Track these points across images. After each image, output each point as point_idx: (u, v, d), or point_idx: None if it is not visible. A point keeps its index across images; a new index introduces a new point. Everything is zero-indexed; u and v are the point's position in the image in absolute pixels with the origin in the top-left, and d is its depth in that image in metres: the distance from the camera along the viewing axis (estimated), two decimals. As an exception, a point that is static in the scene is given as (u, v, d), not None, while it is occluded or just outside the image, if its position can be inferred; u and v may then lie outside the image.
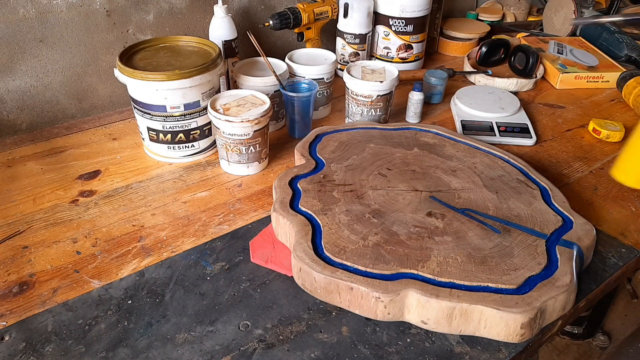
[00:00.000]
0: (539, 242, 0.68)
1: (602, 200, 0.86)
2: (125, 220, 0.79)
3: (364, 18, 1.20)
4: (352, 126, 0.93)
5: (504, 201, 0.75)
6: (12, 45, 0.95)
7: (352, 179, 0.78)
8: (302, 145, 0.86)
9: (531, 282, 0.62)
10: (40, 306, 0.64)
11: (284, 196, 0.73)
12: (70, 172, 0.90)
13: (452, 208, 0.73)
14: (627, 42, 1.31)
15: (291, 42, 1.30)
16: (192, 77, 0.85)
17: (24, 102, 1.00)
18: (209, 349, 0.59)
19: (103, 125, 1.05)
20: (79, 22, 0.99)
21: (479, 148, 0.88)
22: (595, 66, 1.27)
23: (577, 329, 1.53)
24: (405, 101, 1.09)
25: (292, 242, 0.68)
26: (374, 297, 0.60)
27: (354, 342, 0.60)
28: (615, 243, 0.76)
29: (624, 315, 1.62)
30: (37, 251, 0.73)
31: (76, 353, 0.59)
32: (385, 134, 0.91)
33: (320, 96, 1.07)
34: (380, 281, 0.60)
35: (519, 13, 1.63)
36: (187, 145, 0.92)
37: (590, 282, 0.69)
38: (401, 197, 0.75)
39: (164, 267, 0.70)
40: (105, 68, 1.06)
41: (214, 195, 0.85)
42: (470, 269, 0.63)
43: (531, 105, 1.18)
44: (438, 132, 0.92)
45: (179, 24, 1.11)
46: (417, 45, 1.29)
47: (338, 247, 0.65)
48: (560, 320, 0.63)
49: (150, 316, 0.63)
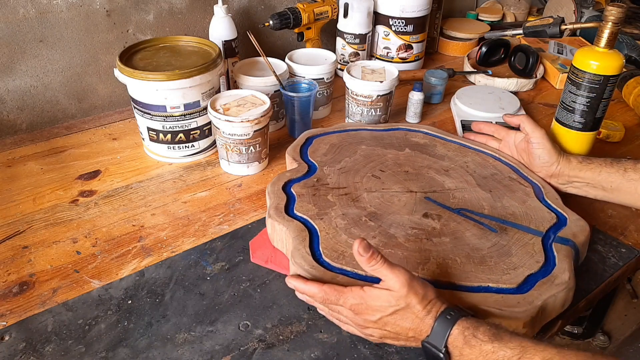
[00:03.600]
0: (536, 239, 0.68)
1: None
2: (125, 220, 0.79)
3: (364, 18, 1.20)
4: (342, 128, 0.93)
5: (498, 200, 0.75)
6: (12, 45, 0.95)
7: (346, 181, 0.78)
8: (293, 149, 0.85)
9: (531, 280, 0.62)
10: (40, 306, 0.64)
11: (279, 202, 0.72)
12: (70, 172, 0.90)
13: (448, 208, 0.73)
14: (627, 42, 1.31)
15: (291, 42, 1.30)
16: (192, 77, 0.85)
17: (24, 102, 1.00)
18: (209, 349, 0.59)
19: (103, 125, 1.05)
20: (79, 22, 0.99)
21: (470, 147, 0.88)
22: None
23: (577, 329, 1.53)
24: (405, 101, 1.09)
25: (289, 249, 0.68)
26: None
27: (354, 342, 0.60)
28: (615, 243, 0.76)
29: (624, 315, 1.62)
30: (37, 251, 0.73)
31: (76, 353, 0.59)
32: (376, 135, 0.91)
33: (320, 96, 1.07)
34: None
35: (519, 13, 1.63)
36: (187, 145, 0.92)
37: (590, 282, 0.69)
38: (396, 198, 0.75)
39: (164, 267, 0.70)
40: (105, 68, 1.06)
41: (214, 195, 0.85)
42: (470, 269, 0.63)
43: (531, 105, 1.18)
44: (428, 131, 0.92)
45: (179, 24, 1.11)
46: (417, 45, 1.29)
47: (336, 252, 0.65)
48: (560, 320, 0.63)
49: (150, 316, 0.63)
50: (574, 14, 1.47)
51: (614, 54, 0.74)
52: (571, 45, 1.37)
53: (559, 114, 0.81)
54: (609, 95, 0.76)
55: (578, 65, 0.76)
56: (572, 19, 1.48)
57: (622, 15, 0.73)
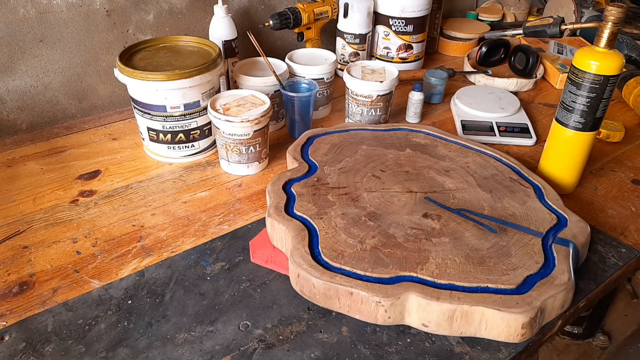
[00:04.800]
0: (535, 240, 0.68)
1: (602, 200, 0.86)
2: (125, 220, 0.79)
3: (364, 18, 1.20)
4: (344, 128, 0.93)
5: (498, 200, 0.75)
6: (12, 45, 0.95)
7: (346, 181, 0.78)
8: (294, 149, 0.85)
9: (530, 281, 0.62)
10: (40, 306, 0.64)
11: (279, 201, 0.72)
12: (70, 172, 0.90)
13: (448, 209, 0.73)
14: (627, 42, 1.31)
15: (291, 42, 1.30)
16: (192, 77, 0.85)
17: (24, 102, 1.00)
18: (209, 349, 0.59)
19: (103, 125, 1.05)
20: (79, 22, 1.00)
21: (471, 147, 0.88)
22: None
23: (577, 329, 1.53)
24: (405, 101, 1.09)
25: (288, 248, 0.68)
26: (375, 301, 0.59)
27: (354, 342, 0.60)
28: (615, 243, 0.76)
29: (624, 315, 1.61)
30: (37, 251, 0.73)
31: (76, 353, 0.59)
32: (377, 135, 0.91)
33: (320, 96, 1.07)
34: (380, 285, 0.60)
35: (519, 13, 1.63)
36: (187, 145, 0.92)
37: (590, 282, 0.69)
38: (396, 198, 0.75)
39: (164, 267, 0.70)
40: (105, 68, 1.06)
41: (214, 195, 0.85)
42: (469, 270, 0.63)
43: (531, 105, 1.18)
44: (429, 132, 0.92)
45: (179, 24, 1.11)
46: (417, 45, 1.29)
47: (336, 251, 0.65)
48: (560, 320, 0.63)
49: (150, 316, 0.63)
50: (574, 14, 1.47)
51: (614, 54, 0.74)
52: (571, 45, 1.37)
53: (559, 114, 0.81)
54: (609, 95, 0.76)
55: (578, 65, 0.76)
56: (572, 19, 1.48)
57: (622, 15, 0.73)
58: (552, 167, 0.85)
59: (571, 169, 0.84)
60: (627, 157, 0.98)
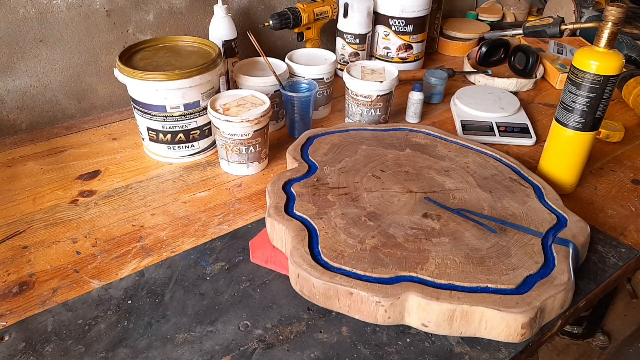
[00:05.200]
0: (535, 240, 0.68)
1: (602, 200, 0.86)
2: (125, 220, 0.79)
3: (363, 18, 1.20)
4: (344, 128, 0.93)
5: (498, 200, 0.75)
6: (12, 45, 0.95)
7: (346, 181, 0.78)
8: (294, 149, 0.85)
9: (530, 281, 0.62)
10: (40, 306, 0.64)
11: (278, 201, 0.72)
12: (70, 172, 0.90)
13: (447, 209, 0.73)
14: (627, 42, 1.31)
15: (291, 42, 1.30)
16: (192, 77, 0.85)
17: (24, 102, 1.00)
18: (208, 349, 0.59)
19: (103, 125, 1.05)
20: (79, 22, 1.00)
21: (471, 147, 0.88)
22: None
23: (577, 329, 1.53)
24: (405, 101, 1.09)
25: (288, 248, 0.68)
26: (374, 301, 0.59)
27: (353, 342, 0.60)
28: (615, 243, 0.76)
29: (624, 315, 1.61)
30: (36, 251, 0.73)
31: (76, 353, 0.59)
32: (377, 135, 0.91)
33: (320, 96, 1.07)
34: (379, 285, 0.60)
35: (519, 13, 1.63)
36: (187, 145, 0.92)
37: (590, 282, 0.69)
38: (396, 198, 0.75)
39: (164, 267, 0.70)
40: (105, 68, 1.06)
41: (214, 195, 0.85)
42: (469, 270, 0.63)
43: (531, 105, 1.18)
44: (429, 132, 0.92)
45: (179, 24, 1.11)
46: (417, 45, 1.29)
47: (335, 251, 0.65)
48: (560, 320, 0.63)
49: (150, 316, 0.63)
50: (574, 14, 1.47)
51: (614, 54, 0.74)
52: (571, 45, 1.37)
53: (559, 113, 0.81)
54: (609, 95, 0.76)
55: (578, 65, 0.76)
56: (572, 19, 1.48)
57: (622, 15, 0.73)
58: (552, 167, 0.85)
59: (571, 169, 0.84)
60: (627, 157, 0.98)
